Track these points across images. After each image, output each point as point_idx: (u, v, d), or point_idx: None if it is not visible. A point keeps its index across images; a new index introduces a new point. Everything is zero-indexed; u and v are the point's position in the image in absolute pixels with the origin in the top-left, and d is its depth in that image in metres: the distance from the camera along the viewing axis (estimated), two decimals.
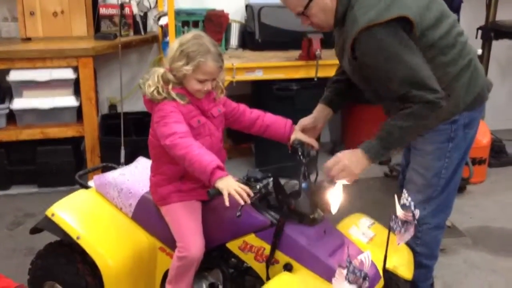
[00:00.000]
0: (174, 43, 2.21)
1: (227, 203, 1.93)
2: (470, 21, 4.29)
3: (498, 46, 4.89)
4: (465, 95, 2.21)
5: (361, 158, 2.15)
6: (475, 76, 2.22)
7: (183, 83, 2.20)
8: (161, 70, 2.20)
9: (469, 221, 3.75)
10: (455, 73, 2.18)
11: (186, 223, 2.23)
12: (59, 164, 4.05)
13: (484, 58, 4.71)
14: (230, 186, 1.95)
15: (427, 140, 2.28)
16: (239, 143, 4.64)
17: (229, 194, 1.94)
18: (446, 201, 2.40)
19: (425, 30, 2.09)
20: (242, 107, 2.44)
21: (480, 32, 4.64)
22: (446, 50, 2.16)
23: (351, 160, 2.16)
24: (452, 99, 2.18)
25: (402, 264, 2.23)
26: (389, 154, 2.21)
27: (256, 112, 2.44)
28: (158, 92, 2.17)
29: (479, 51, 4.46)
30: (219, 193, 1.96)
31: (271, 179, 2.04)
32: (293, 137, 2.36)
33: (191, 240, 2.18)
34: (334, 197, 2.11)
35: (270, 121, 2.41)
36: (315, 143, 2.38)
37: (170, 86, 2.19)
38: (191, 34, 2.23)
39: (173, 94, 2.17)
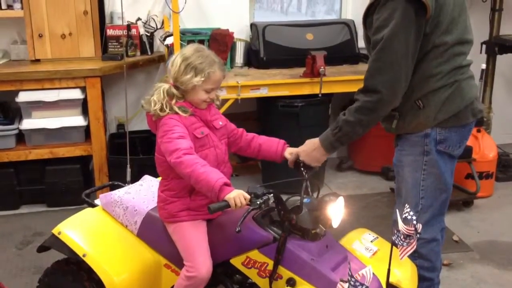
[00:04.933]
0: (176, 59, 2.25)
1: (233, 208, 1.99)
2: (473, 35, 4.33)
3: (504, 60, 4.91)
4: (439, 111, 2.25)
5: (318, 147, 2.32)
6: (454, 97, 2.25)
7: (185, 97, 2.25)
8: (166, 86, 2.25)
9: (476, 236, 3.74)
10: (434, 87, 2.24)
11: (195, 243, 2.25)
12: (67, 183, 4.10)
13: (489, 73, 4.73)
14: (236, 196, 1.98)
15: (404, 152, 2.37)
16: (246, 160, 4.66)
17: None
18: (436, 214, 2.41)
19: (435, 25, 2.14)
20: (240, 130, 2.49)
21: (484, 46, 4.67)
22: (438, 61, 2.20)
23: (312, 149, 2.33)
24: (425, 111, 2.26)
25: (406, 278, 2.22)
26: (343, 145, 2.31)
27: (250, 134, 2.48)
28: (162, 109, 2.22)
29: (483, 66, 4.48)
30: (220, 209, 1.98)
31: (272, 194, 2.05)
32: (288, 152, 2.39)
33: (201, 261, 2.20)
34: (336, 211, 2.12)
35: (263, 141, 2.45)
36: None
37: (174, 101, 2.23)
38: (191, 48, 2.28)
39: (176, 108, 2.22)
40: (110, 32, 4.26)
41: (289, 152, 2.39)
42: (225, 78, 2.31)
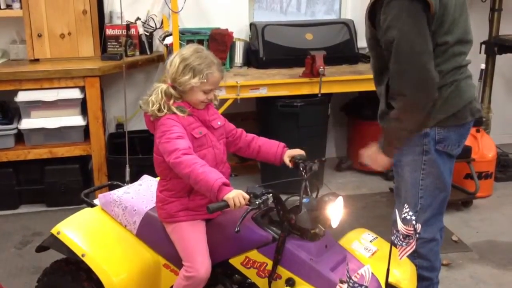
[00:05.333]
0: (174, 58, 2.24)
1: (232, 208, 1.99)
2: (473, 36, 4.34)
3: (503, 60, 4.91)
4: (438, 111, 2.26)
5: (382, 157, 2.38)
6: (453, 97, 2.26)
7: (183, 97, 2.25)
8: (164, 86, 2.25)
9: (475, 236, 3.74)
10: None
11: (194, 243, 2.25)
12: (67, 183, 4.10)
13: (488, 73, 4.73)
14: (235, 196, 1.98)
15: (404, 152, 2.37)
16: (245, 160, 4.66)
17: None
18: (435, 214, 2.42)
19: (439, 25, 2.14)
20: (240, 130, 2.49)
21: (483, 46, 4.67)
22: (438, 61, 2.20)
23: (377, 162, 2.42)
24: None
25: (405, 278, 2.22)
26: (402, 146, 2.35)
27: (250, 135, 2.48)
28: (159, 109, 2.22)
29: (483, 66, 4.48)
30: (219, 209, 1.98)
31: (271, 194, 2.05)
32: (287, 155, 2.38)
33: (199, 261, 2.20)
34: (335, 211, 2.12)
35: (263, 142, 2.44)
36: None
37: (172, 101, 2.23)
38: (190, 48, 2.27)
39: (174, 108, 2.22)
40: (109, 31, 4.26)
41: (288, 155, 2.38)
42: (223, 79, 2.30)
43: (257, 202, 1.99)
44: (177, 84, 2.22)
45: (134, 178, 3.00)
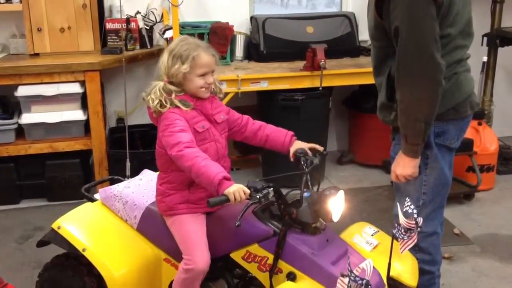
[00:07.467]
0: (163, 55, 2.27)
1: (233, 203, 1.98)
2: (475, 28, 4.30)
3: (505, 53, 4.88)
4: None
5: (406, 159, 2.23)
6: (452, 91, 2.23)
7: (185, 90, 2.24)
8: (161, 83, 2.25)
9: (477, 229, 3.73)
10: None
11: (193, 236, 2.25)
12: (67, 177, 4.10)
13: (490, 65, 4.70)
14: (236, 191, 1.97)
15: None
16: (246, 154, 4.65)
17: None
18: (436, 208, 2.40)
19: (444, 16, 2.12)
20: (246, 118, 2.47)
21: (485, 39, 4.65)
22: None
23: (402, 165, 2.24)
24: None
25: (406, 271, 2.22)
26: (421, 145, 2.21)
27: (258, 123, 2.46)
28: (161, 105, 2.21)
29: (484, 58, 4.46)
30: (219, 203, 1.98)
31: (271, 188, 2.04)
32: (293, 148, 2.37)
33: (198, 254, 2.20)
34: (336, 205, 2.11)
35: (271, 131, 2.43)
36: (318, 147, 2.38)
37: (173, 96, 2.23)
38: (176, 40, 2.31)
39: (176, 101, 2.22)
40: (109, 25, 4.24)
41: (296, 147, 2.36)
42: (216, 61, 2.28)
43: (258, 196, 1.98)
44: (170, 77, 2.23)
45: (135, 172, 2.99)
